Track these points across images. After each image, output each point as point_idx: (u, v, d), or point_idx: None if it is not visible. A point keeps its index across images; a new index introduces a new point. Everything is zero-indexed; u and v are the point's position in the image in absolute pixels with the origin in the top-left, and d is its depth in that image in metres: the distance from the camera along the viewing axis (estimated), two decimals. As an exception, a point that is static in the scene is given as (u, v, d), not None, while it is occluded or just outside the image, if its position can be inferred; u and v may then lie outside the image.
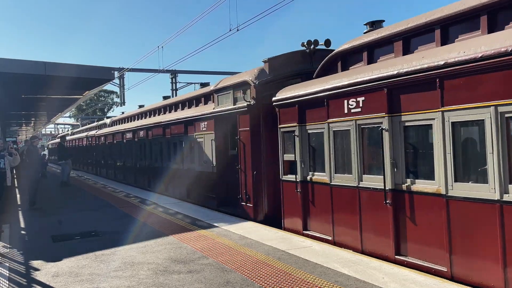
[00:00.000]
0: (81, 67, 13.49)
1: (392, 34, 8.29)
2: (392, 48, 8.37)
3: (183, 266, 7.43)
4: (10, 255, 8.73)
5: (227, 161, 13.35)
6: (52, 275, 7.25)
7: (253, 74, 11.58)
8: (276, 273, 6.89)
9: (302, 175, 9.71)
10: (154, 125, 18.68)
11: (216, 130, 13.38)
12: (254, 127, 11.49)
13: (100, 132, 29.97)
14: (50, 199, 16.88)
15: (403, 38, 8.12)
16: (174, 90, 35.39)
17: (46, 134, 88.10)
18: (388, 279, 6.42)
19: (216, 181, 13.39)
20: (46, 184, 22.63)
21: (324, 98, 8.89)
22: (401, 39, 8.15)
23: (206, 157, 13.90)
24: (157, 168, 18.50)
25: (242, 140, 11.87)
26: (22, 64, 12.34)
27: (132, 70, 32.53)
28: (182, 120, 15.60)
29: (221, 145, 13.42)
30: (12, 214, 13.73)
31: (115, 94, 75.91)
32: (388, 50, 8.52)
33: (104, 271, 7.35)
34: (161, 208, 14.17)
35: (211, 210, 13.47)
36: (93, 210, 14.48)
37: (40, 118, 32.65)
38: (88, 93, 19.03)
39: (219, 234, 9.93)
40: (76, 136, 41.78)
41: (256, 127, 11.48)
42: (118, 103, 59.02)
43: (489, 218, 5.90)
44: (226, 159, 13.41)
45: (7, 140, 37.91)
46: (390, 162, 7.40)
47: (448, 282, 6.25)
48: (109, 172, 27.56)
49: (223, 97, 12.96)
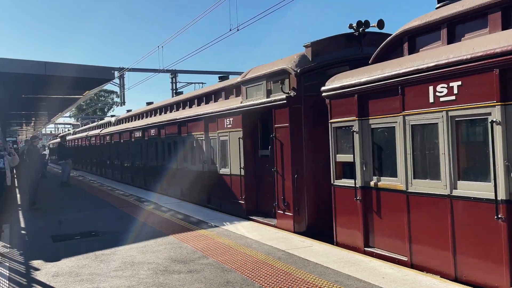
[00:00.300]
0: (81, 67, 13.30)
1: (486, 4, 6.46)
2: (486, 21, 6.54)
3: (183, 266, 7.32)
4: (10, 255, 8.58)
5: (257, 162, 11.48)
6: (52, 275, 7.13)
7: (293, 61, 9.71)
8: (276, 273, 6.77)
9: (363, 180, 7.84)
10: (168, 122, 16.67)
11: (245, 127, 11.50)
12: (294, 123, 9.62)
13: (105, 131, 27.81)
14: (50, 199, 16.50)
15: (502, 9, 6.30)
16: (174, 90, 34.78)
17: (46, 134, 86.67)
18: (388, 279, 6.23)
19: (245, 186, 11.50)
20: (46, 184, 22.04)
21: (397, 84, 7.02)
22: (499, 10, 6.33)
23: (232, 158, 12.03)
24: (170, 170, 16.54)
25: (279, 138, 9.99)
26: (22, 64, 12.16)
27: (132, 70, 31.92)
28: (202, 117, 13.67)
29: (250, 144, 11.55)
30: (12, 214, 13.39)
31: (115, 94, 75.22)
32: (478, 25, 6.69)
33: (104, 271, 7.24)
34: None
35: (211, 210, 12.91)
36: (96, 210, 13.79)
37: (40, 118, 31.96)
38: (88, 93, 18.63)
39: (219, 234, 9.69)
40: (79, 135, 39.43)
41: (297, 122, 9.61)
42: (118, 103, 58.91)
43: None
44: (255, 160, 11.54)
45: (7, 140, 36.58)
46: (505, 164, 5.55)
47: (449, 282, 5.93)
48: (115, 173, 25.46)
49: (253, 89, 11.08)
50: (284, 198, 9.88)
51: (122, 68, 32.20)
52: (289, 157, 9.69)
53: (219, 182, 12.82)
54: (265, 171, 11.12)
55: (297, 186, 9.54)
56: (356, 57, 9.68)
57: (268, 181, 11.03)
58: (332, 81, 8.55)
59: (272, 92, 10.34)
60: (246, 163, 11.47)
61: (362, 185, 7.85)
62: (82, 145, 36.02)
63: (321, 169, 9.58)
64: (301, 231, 9.53)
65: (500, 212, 5.60)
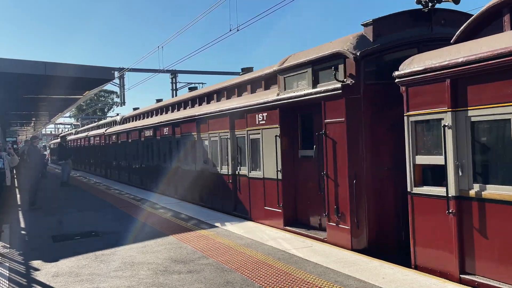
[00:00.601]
0: (81, 67, 13.13)
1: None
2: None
3: (183, 266, 7.18)
4: (10, 255, 8.40)
5: (297, 165, 9.67)
6: (52, 275, 7.00)
7: (349, 42, 7.89)
8: (276, 273, 6.62)
9: (457, 188, 6.02)
10: (185, 119, 14.65)
11: (283, 124, 9.67)
12: (351, 117, 7.80)
13: (110, 130, 25.61)
14: (50, 199, 16.11)
15: None
16: (174, 90, 34.33)
17: (46, 134, 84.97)
18: (388, 279, 6.08)
19: (282, 192, 9.68)
20: (46, 184, 21.49)
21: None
22: None
23: (265, 160, 10.21)
24: (187, 173, 14.68)
25: (331, 136, 8.17)
26: (22, 64, 11.99)
27: (132, 70, 31.45)
28: (227, 112, 11.83)
29: (289, 144, 9.72)
30: (12, 214, 13.06)
31: (115, 94, 74.23)
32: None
33: (104, 271, 7.09)
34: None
35: (211, 210, 12.38)
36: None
37: (40, 118, 31.62)
38: (88, 93, 18.37)
39: (219, 234, 9.42)
40: (82, 135, 37.03)
41: (354, 117, 7.79)
42: (118, 103, 57.67)
43: None
44: (294, 162, 9.72)
45: (7, 140, 35.28)
46: None
47: (448, 282, 5.88)
48: (122, 175, 23.33)
49: (294, 79, 9.25)
50: (337, 207, 8.05)
51: (122, 68, 31.58)
52: (345, 159, 7.86)
53: (248, 187, 10.99)
54: (307, 175, 9.33)
55: (356, 194, 7.71)
56: (425, 37, 7.89)
57: (310, 187, 9.24)
58: (410, 63, 6.72)
59: (320, 81, 8.53)
60: (284, 165, 9.64)
61: (457, 194, 6.03)
62: (85, 145, 33.87)
63: (384, 174, 7.79)
64: (361, 248, 7.72)
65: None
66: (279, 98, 9.56)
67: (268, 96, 10.08)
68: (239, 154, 11.59)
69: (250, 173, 10.94)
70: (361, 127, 7.74)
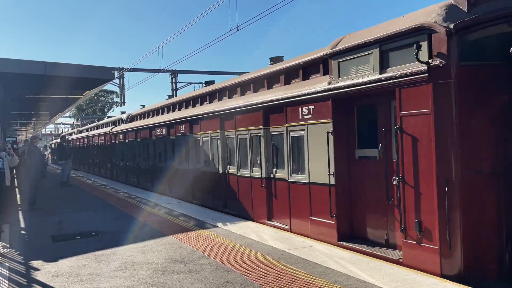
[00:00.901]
0: (81, 67, 12.90)
1: None
2: None
3: (183, 266, 6.95)
4: (10, 255, 8.21)
5: (354, 167, 7.91)
6: (52, 275, 6.79)
7: (435, 14, 6.14)
8: (276, 273, 6.38)
9: None
10: (205, 116, 12.76)
11: (336, 118, 7.90)
12: (441, 108, 6.04)
13: (117, 129, 23.65)
14: (50, 199, 15.81)
15: None
16: (174, 90, 33.39)
17: (46, 134, 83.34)
18: (388, 279, 5.78)
19: (336, 199, 7.91)
20: (46, 184, 20.95)
21: None
22: None
23: (312, 161, 8.43)
24: (206, 175, 12.88)
25: (410, 132, 6.42)
26: (22, 64, 11.86)
27: (132, 70, 30.78)
28: (259, 106, 10.00)
29: (343, 142, 7.95)
30: (12, 214, 12.78)
31: (115, 94, 73.11)
32: None
33: (104, 271, 6.87)
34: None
35: (211, 210, 11.96)
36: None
37: (40, 118, 31.14)
38: (88, 93, 18.00)
39: (219, 234, 9.13)
40: (84, 134, 34.87)
41: (445, 107, 6.03)
42: (118, 103, 57.51)
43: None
44: (350, 163, 7.97)
45: (7, 140, 34.24)
46: None
47: (448, 282, 5.56)
48: (130, 177, 21.32)
49: (352, 63, 7.49)
50: (419, 222, 6.28)
51: (122, 68, 30.94)
52: (431, 161, 6.10)
53: (288, 193, 9.19)
54: (367, 180, 7.59)
55: (448, 205, 5.94)
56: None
57: (372, 194, 7.53)
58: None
59: (390, 64, 6.76)
60: (338, 167, 7.86)
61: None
62: (88, 145, 31.81)
63: (483, 179, 6.04)
64: (454, 274, 5.95)
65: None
66: (332, 87, 7.78)
67: (315, 85, 8.31)
68: (274, 154, 9.84)
69: (291, 177, 9.14)
70: (454, 120, 5.98)
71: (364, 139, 7.70)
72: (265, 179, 10.00)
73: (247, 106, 10.52)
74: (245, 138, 10.77)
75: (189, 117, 14.00)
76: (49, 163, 41.94)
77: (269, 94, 9.89)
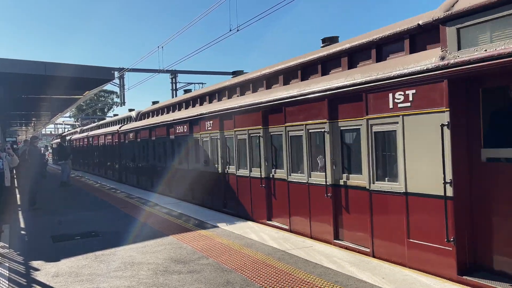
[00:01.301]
0: (81, 67, 12.89)
1: None
2: None
3: (183, 266, 6.91)
4: (10, 255, 8.17)
5: (479, 172, 5.91)
6: (52, 275, 6.77)
7: None
8: (276, 273, 6.33)
9: None
10: (241, 109, 10.80)
11: (454, 106, 5.89)
12: None
13: (126, 128, 21.69)
14: (50, 199, 15.74)
15: None
16: (174, 90, 33.47)
17: (46, 134, 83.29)
18: (388, 279, 5.78)
19: (454, 218, 5.86)
20: (46, 184, 20.76)
21: None
22: None
23: (412, 164, 6.45)
24: (241, 181, 11.19)
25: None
26: (22, 64, 11.88)
27: (132, 70, 30.69)
28: (323, 95, 8.05)
29: (463, 138, 5.98)
30: (12, 214, 12.78)
31: (115, 94, 73.43)
32: None
33: (104, 271, 6.84)
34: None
35: (211, 210, 11.89)
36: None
37: (40, 118, 31.20)
38: (88, 93, 17.94)
39: (219, 234, 9.07)
40: (88, 133, 32.85)
41: None
42: (118, 103, 57.35)
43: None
44: (473, 168, 5.97)
45: (7, 140, 34.31)
46: None
47: (448, 282, 5.58)
48: (142, 180, 19.24)
49: (483, 29, 5.41)
50: None
51: (122, 68, 30.87)
52: None
53: (370, 206, 7.19)
54: (499, 190, 5.64)
55: None
56: None
57: (506, 210, 5.54)
58: None
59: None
60: (458, 174, 5.88)
61: None
62: (93, 144, 29.72)
63: None
64: None
65: None
66: (450, 63, 5.67)
67: (406, 65, 6.36)
68: (344, 155, 8.01)
69: (373, 185, 7.12)
70: None
71: (495, 135, 5.76)
72: (331, 187, 8.11)
73: (307, 93, 8.54)
74: (301, 135, 8.92)
75: (219, 111, 11.97)
76: (49, 163, 41.58)
77: (333, 80, 7.97)
